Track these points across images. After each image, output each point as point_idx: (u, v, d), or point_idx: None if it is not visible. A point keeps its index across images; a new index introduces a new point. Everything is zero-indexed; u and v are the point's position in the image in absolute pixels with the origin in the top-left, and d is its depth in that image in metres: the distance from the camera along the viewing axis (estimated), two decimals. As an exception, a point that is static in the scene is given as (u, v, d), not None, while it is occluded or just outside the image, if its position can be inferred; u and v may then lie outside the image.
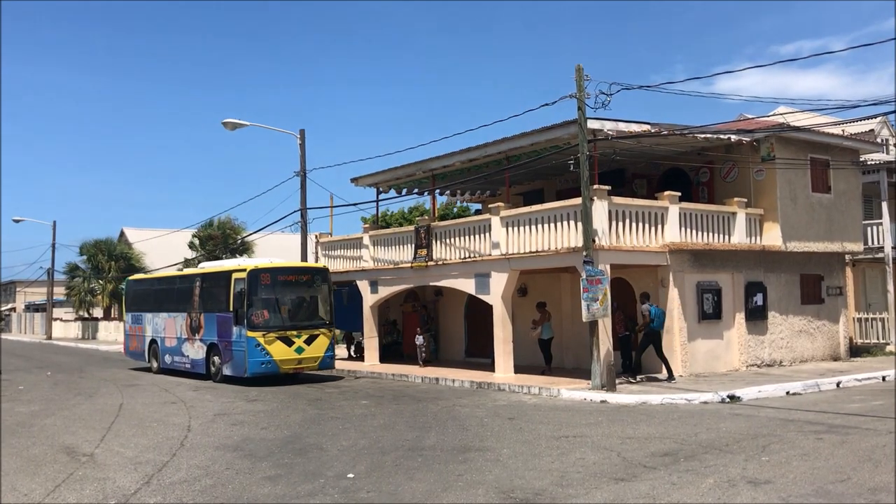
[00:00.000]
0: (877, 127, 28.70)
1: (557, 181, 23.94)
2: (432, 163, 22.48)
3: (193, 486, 8.56)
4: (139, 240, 53.09)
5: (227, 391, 18.45)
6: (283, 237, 43.04)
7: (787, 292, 21.09)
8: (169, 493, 8.31)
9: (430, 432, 11.79)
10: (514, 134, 19.47)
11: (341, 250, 25.79)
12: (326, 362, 20.15)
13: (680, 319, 18.43)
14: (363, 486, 8.36)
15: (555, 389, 16.38)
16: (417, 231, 22.34)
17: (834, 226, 21.73)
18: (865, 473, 8.42)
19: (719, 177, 21.26)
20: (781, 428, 11.55)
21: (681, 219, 18.75)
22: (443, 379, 19.21)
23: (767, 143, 20.13)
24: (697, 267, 19.07)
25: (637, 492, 7.84)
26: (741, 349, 19.74)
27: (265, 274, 19.66)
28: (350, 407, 15.11)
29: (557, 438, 11.07)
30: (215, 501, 7.92)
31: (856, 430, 11.22)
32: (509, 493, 7.89)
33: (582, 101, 16.60)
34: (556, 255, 18.07)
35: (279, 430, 12.48)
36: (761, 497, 7.53)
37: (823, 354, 21.86)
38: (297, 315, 20.10)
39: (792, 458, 9.27)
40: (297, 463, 9.71)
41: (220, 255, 38.37)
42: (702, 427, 11.78)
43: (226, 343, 20.01)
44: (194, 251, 43.09)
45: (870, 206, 25.21)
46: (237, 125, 25.01)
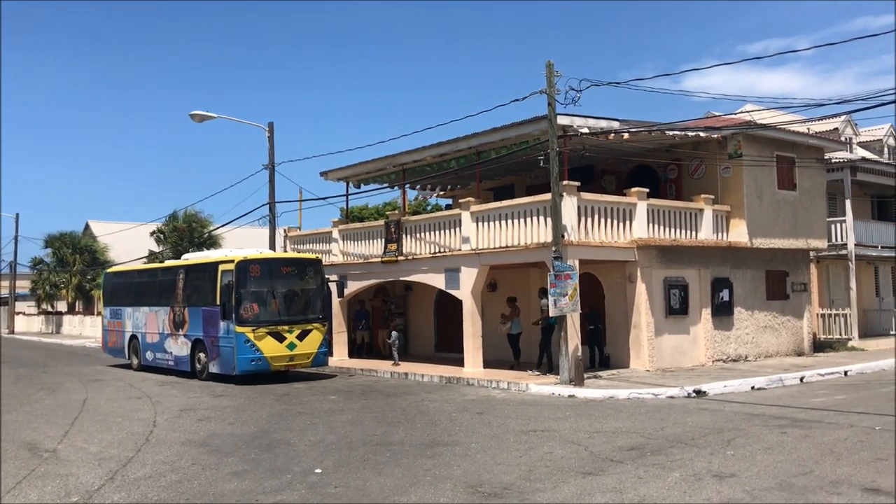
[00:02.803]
0: (841, 126, 29.15)
1: (528, 177, 24.01)
2: (403, 157, 22.42)
3: (158, 482, 8.46)
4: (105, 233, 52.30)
5: (193, 386, 18.25)
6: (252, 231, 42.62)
7: (752, 288, 21.36)
8: (133, 488, 8.20)
9: (398, 427, 11.77)
10: (484, 129, 19.49)
11: (310, 245, 25.63)
12: (320, 359, 19.24)
13: (647, 315, 18.58)
14: (331, 482, 8.32)
15: (523, 384, 16.44)
16: (387, 225, 22.27)
17: (799, 223, 22.04)
18: (827, 466, 8.56)
19: (687, 174, 21.45)
20: (746, 422, 11.70)
21: (649, 215, 18.90)
22: (412, 374, 19.18)
23: (734, 140, 20.36)
24: (665, 263, 19.24)
25: (604, 486, 7.89)
26: (707, 344, 19.96)
27: (255, 265, 18.67)
28: (318, 402, 15.04)
29: (526, 433, 11.11)
30: (181, 497, 7.83)
31: (818, 424, 11.39)
32: (477, 488, 7.90)
33: (552, 98, 16.66)
34: (525, 250, 18.12)
35: (246, 425, 12.37)
36: (726, 491, 7.61)
37: (788, 350, 22.18)
38: (289, 309, 18.98)
39: (756, 452, 9.39)
40: (264, 458, 9.64)
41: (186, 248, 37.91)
42: (668, 421, 11.89)
43: (212, 339, 19.11)
44: (160, 244, 42.59)
45: (834, 204, 25.62)
46: (205, 117, 24.73)
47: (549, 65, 16.74)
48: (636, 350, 18.66)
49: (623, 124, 18.60)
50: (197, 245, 39.22)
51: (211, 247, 38.32)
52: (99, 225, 57.08)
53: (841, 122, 28.97)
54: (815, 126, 25.45)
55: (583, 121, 17.85)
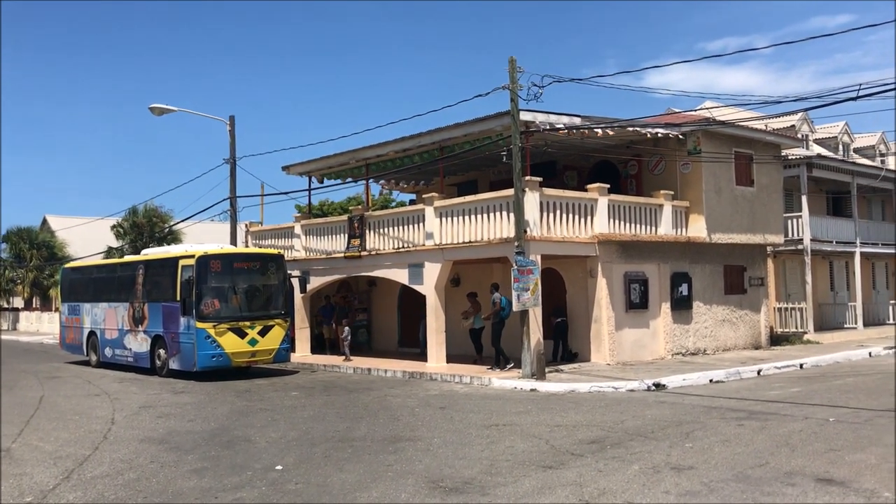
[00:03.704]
0: (798, 123, 29.69)
1: (491, 172, 24.08)
2: (366, 152, 22.34)
3: (116, 480, 8.35)
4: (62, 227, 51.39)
5: (152, 383, 18.04)
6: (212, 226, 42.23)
7: (711, 283, 21.68)
8: (90, 487, 8.09)
9: (360, 423, 11.75)
10: (447, 124, 19.50)
11: (272, 240, 25.43)
12: (282, 355, 19.14)
13: (608, 309, 18.77)
14: (291, 478, 8.28)
15: (486, 378, 16.51)
16: (351, 221, 22.19)
17: (756, 218, 22.40)
18: (782, 458, 8.73)
19: (647, 170, 21.68)
20: (704, 415, 11.88)
21: (610, 210, 19.08)
22: (375, 369, 19.16)
23: (694, 137, 20.62)
24: (625, 258, 19.45)
25: (564, 479, 7.96)
26: (667, 338, 20.23)
27: (216, 260, 18.53)
28: (280, 398, 14.95)
29: (488, 427, 11.16)
30: (138, 496, 7.74)
31: (774, 416, 11.61)
32: (438, 483, 7.92)
33: (515, 93, 16.72)
34: (488, 245, 18.19)
35: (206, 422, 12.26)
36: (684, 483, 7.73)
37: (745, 343, 22.56)
38: (251, 304, 18.92)
39: (714, 445, 9.54)
40: (224, 455, 9.56)
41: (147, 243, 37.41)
42: (628, 414, 12.03)
43: (172, 335, 18.93)
44: (120, 239, 41.98)
45: (790, 200, 26.09)
46: (164, 110, 24.42)
47: (511, 61, 16.81)
48: (597, 344, 18.84)
49: (585, 120, 18.75)
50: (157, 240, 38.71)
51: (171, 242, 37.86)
52: (57, 219, 56.05)
53: (797, 119, 29.51)
54: (772, 123, 25.89)
55: (545, 117, 17.95)
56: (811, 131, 31.34)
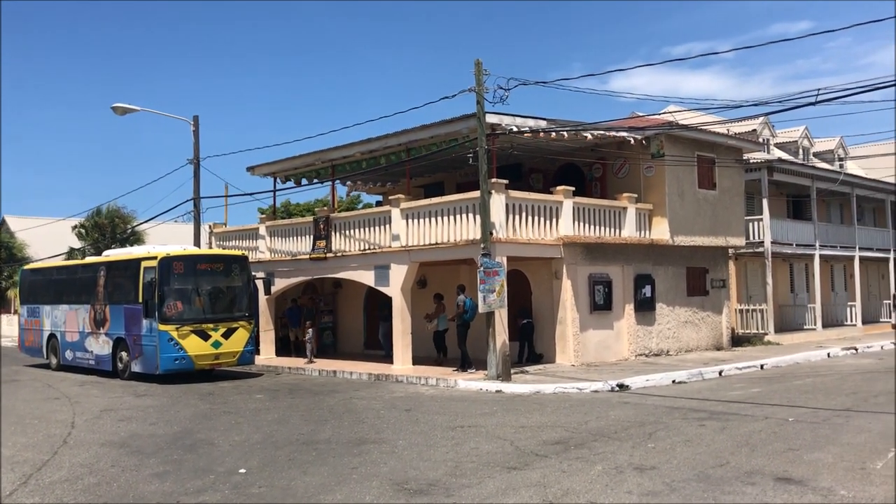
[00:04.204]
0: (759, 127, 30.17)
1: (458, 174, 24.12)
2: (332, 153, 22.26)
3: (75, 485, 8.23)
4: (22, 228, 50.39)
5: (114, 386, 17.79)
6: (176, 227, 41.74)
7: (674, 284, 21.94)
8: (48, 492, 7.96)
9: (325, 426, 11.71)
10: (414, 126, 19.51)
11: (236, 241, 25.23)
12: (246, 357, 19.00)
13: (573, 310, 18.91)
14: (255, 482, 8.22)
15: (452, 380, 16.54)
16: (316, 222, 22.10)
17: (718, 221, 22.72)
18: (742, 458, 8.86)
19: (612, 172, 21.89)
20: (667, 415, 12.02)
21: (574, 213, 19.23)
22: (340, 371, 19.09)
23: (657, 140, 20.86)
24: (590, 259, 19.61)
25: (528, 480, 8.01)
26: (630, 339, 20.43)
27: (179, 262, 18.37)
28: (244, 401, 14.83)
29: (453, 429, 11.18)
30: (98, 500, 7.63)
31: (735, 416, 11.79)
32: (403, 485, 7.92)
33: (481, 96, 16.78)
34: (455, 247, 18.23)
35: (169, 425, 12.13)
36: (647, 483, 7.81)
37: (707, 344, 22.86)
38: (214, 307, 18.73)
39: (676, 445, 9.66)
40: (187, 459, 9.47)
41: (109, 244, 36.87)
42: (592, 415, 12.13)
43: (135, 337, 18.72)
44: (82, 241, 41.32)
45: (752, 203, 26.49)
46: (127, 110, 24.13)
47: (477, 63, 16.86)
48: (562, 345, 18.97)
49: (550, 123, 18.88)
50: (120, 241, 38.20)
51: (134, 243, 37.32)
52: (16, 220, 54.91)
53: (759, 123, 29.99)
54: (734, 127, 26.30)
55: (511, 119, 18.05)
56: (772, 135, 31.86)
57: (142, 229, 38.93)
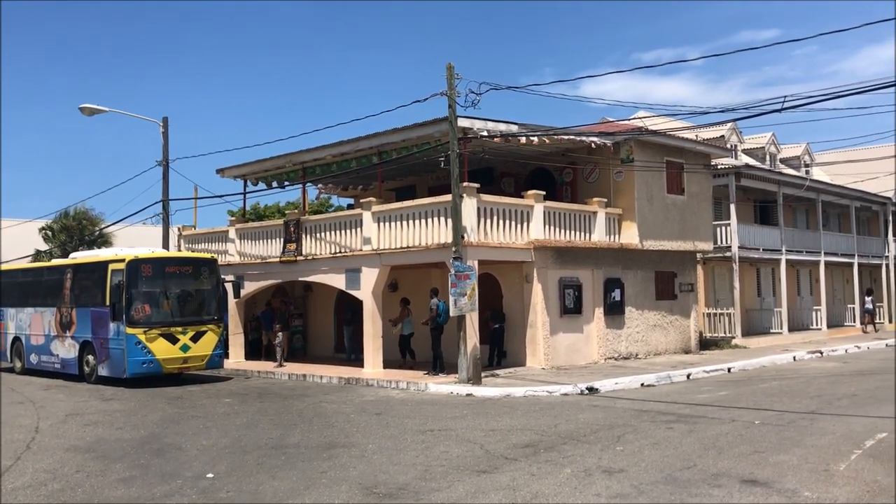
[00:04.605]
0: (727, 133, 30.51)
1: (429, 178, 24.13)
2: (302, 155, 22.16)
3: (38, 491, 8.10)
4: (-15, 230, 49.50)
5: (80, 390, 17.55)
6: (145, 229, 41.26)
7: (643, 288, 22.13)
8: (10, 499, 7.82)
9: (294, 430, 11.64)
10: (386, 129, 19.49)
11: (206, 244, 25.02)
12: (215, 361, 18.87)
13: (543, 314, 18.99)
14: (223, 486, 8.16)
15: (422, 384, 16.53)
16: (287, 225, 21.98)
17: (687, 226, 22.96)
18: (710, 460, 8.96)
19: (582, 177, 22.03)
20: (636, 418, 12.11)
21: (545, 217, 19.33)
22: (310, 375, 18.99)
23: (627, 145, 21.03)
24: (560, 263, 19.71)
25: (498, 483, 8.03)
26: (600, 343, 20.56)
27: (147, 265, 18.20)
28: (212, 405, 14.70)
29: (423, 432, 11.18)
30: (63, 507, 7.52)
31: (703, 419, 11.91)
32: (372, 489, 7.90)
33: (453, 100, 16.82)
34: (426, 250, 18.23)
35: (136, 429, 11.99)
36: (615, 485, 7.87)
37: (676, 347, 23.08)
38: (183, 310, 18.57)
39: (644, 448, 9.74)
40: (154, 463, 9.36)
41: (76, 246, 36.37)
42: (562, 418, 12.19)
43: (102, 341, 18.52)
44: (49, 243, 40.71)
45: (719, 208, 26.81)
46: (95, 111, 23.83)
47: (449, 67, 16.90)
48: (532, 348, 19.05)
49: (522, 128, 18.96)
50: (87, 243, 37.69)
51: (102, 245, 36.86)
52: (-22, 221, 53.97)
53: (727, 129, 30.32)
54: (702, 133, 26.58)
55: (483, 123, 18.10)
56: (740, 142, 32.22)
57: (110, 231, 38.43)
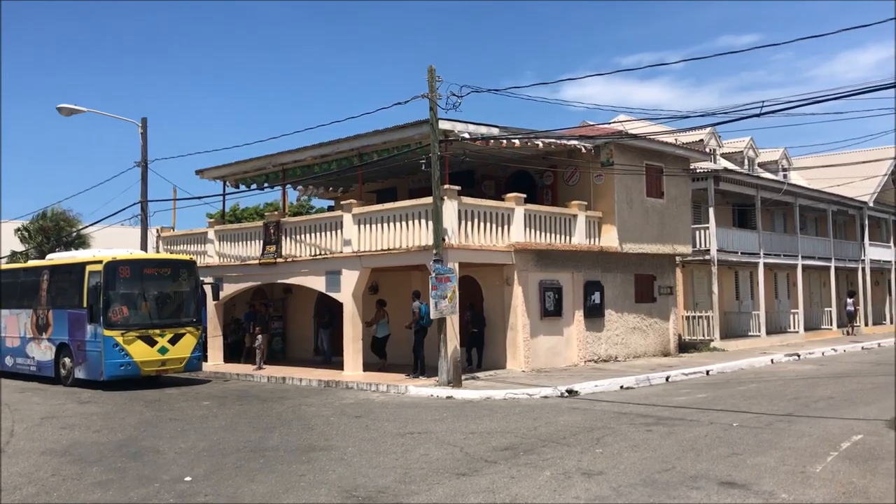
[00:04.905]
0: (706, 137, 30.76)
1: (410, 180, 24.10)
2: (283, 157, 22.06)
3: (13, 496, 8.00)
4: (-41, 230, 48.88)
5: (57, 393, 17.37)
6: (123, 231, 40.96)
7: (622, 291, 22.23)
8: (-15, 504, 7.73)
9: (273, 433, 11.59)
10: (367, 131, 19.46)
11: (184, 245, 24.85)
12: (193, 364, 18.78)
13: (523, 316, 19.02)
14: (201, 490, 8.09)
15: (402, 386, 16.50)
16: (266, 227, 21.88)
17: (666, 229, 23.10)
18: (688, 462, 9.01)
19: (562, 180, 22.11)
20: (615, 421, 12.16)
21: (526, 220, 19.37)
22: (290, 378, 18.91)
23: (607, 149, 21.14)
24: (541, 266, 19.76)
25: (477, 486, 8.03)
26: (580, 345, 20.63)
27: (125, 266, 18.06)
28: (190, 408, 14.60)
29: (403, 435, 11.16)
30: (38, 511, 7.44)
31: (681, 421, 11.98)
32: (352, 492, 7.87)
33: (434, 102, 16.82)
34: (407, 253, 18.21)
35: (113, 432, 11.88)
36: (594, 488, 7.89)
37: (655, 350, 23.20)
38: (161, 312, 18.47)
39: (623, 450, 9.77)
40: (131, 467, 9.28)
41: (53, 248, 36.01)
42: (541, 421, 12.22)
43: (79, 343, 18.35)
44: (25, 244, 40.28)
45: (698, 212, 26.99)
46: (73, 111, 23.64)
47: (430, 70, 16.91)
48: (513, 351, 19.07)
49: (503, 131, 19.01)
50: (65, 245, 37.34)
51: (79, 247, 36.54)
52: (-47, 222, 53.30)
53: (706, 134, 30.58)
54: (682, 137, 26.79)
55: (464, 126, 18.12)
56: (719, 146, 32.50)
57: (87, 233, 38.13)
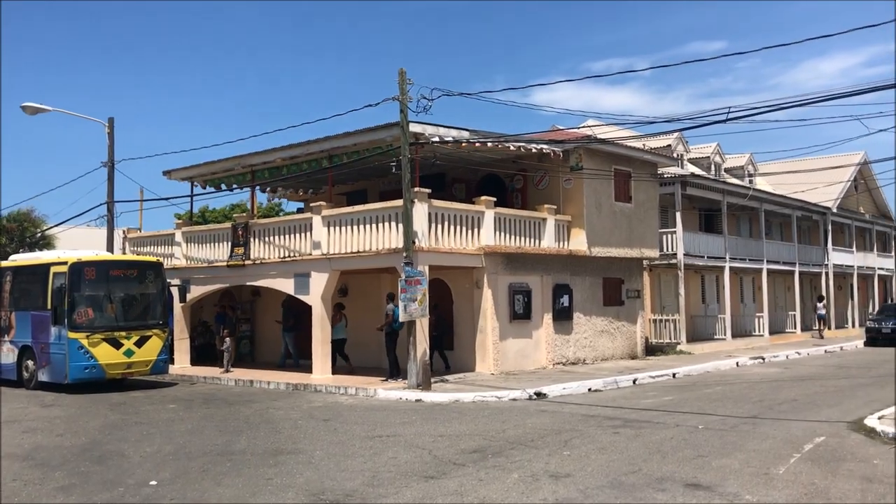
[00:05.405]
0: (673, 143, 31.11)
1: (381, 182, 24.08)
2: (252, 158, 21.92)
3: (-27, 501, 7.86)
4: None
5: (19, 396, 17.08)
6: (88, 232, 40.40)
7: (590, 294, 22.39)
8: (-56, 509, 7.59)
9: (240, 436, 11.50)
10: (337, 133, 19.40)
11: (151, 247, 24.59)
12: (159, 366, 18.56)
13: (493, 319, 19.08)
14: (166, 494, 8.01)
15: (371, 389, 16.46)
16: (235, 228, 21.71)
17: (634, 233, 23.31)
18: (654, 464, 9.09)
19: (532, 184, 22.22)
20: (583, 423, 12.24)
21: (496, 223, 19.44)
22: (258, 381, 18.77)
23: (576, 153, 21.29)
24: (510, 269, 19.84)
25: (446, 489, 8.04)
26: (548, 348, 20.73)
27: (90, 267, 17.84)
28: (156, 411, 14.44)
29: (371, 438, 11.13)
30: (-2, 516, 7.32)
31: (648, 424, 12.09)
32: (319, 496, 7.84)
33: (404, 105, 16.82)
34: (377, 255, 18.18)
35: (77, 436, 11.71)
36: (561, 490, 7.94)
37: (623, 353, 23.39)
38: (127, 314, 18.24)
39: (591, 452, 9.84)
40: (95, 471, 9.16)
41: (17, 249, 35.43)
42: (510, 423, 12.26)
43: (42, 345, 18.07)
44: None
45: (666, 216, 27.29)
46: (38, 110, 23.29)
47: (401, 72, 16.91)
48: (482, 354, 19.11)
49: (473, 134, 19.06)
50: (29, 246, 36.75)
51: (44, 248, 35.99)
52: (-88, 221, 52.15)
53: (673, 139, 30.91)
54: (650, 142, 27.06)
55: (434, 129, 18.14)
56: (686, 151, 32.86)
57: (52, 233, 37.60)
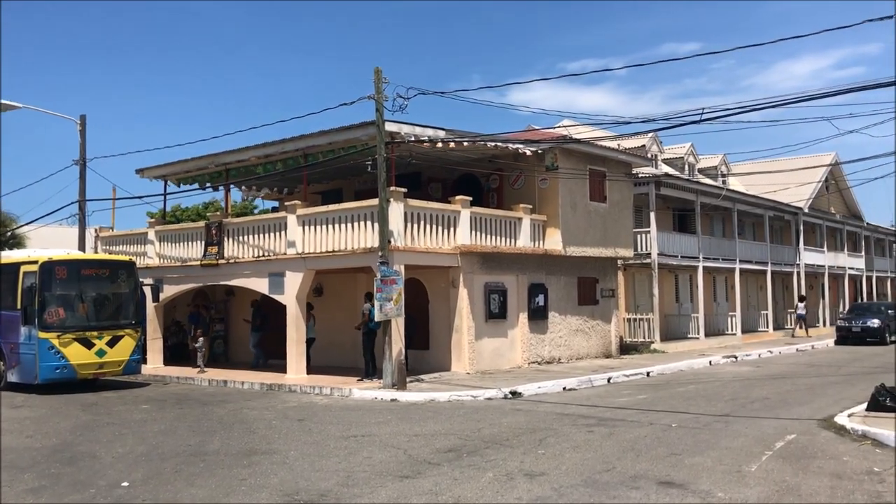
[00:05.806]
0: (648, 143, 31.29)
1: (356, 181, 24.00)
2: (226, 156, 21.76)
3: (-60, 504, 7.74)
4: None
5: (-13, 397, 16.84)
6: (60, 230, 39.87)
7: (565, 294, 22.49)
8: None
9: (214, 437, 11.41)
10: (312, 132, 19.33)
11: (124, 246, 24.33)
12: (132, 367, 18.37)
13: (468, 319, 19.10)
14: (139, 495, 7.93)
15: (346, 389, 16.41)
16: (208, 227, 21.55)
17: (608, 233, 23.44)
18: (628, 462, 9.15)
19: (508, 184, 22.27)
20: (557, 422, 12.29)
21: (472, 222, 19.47)
22: (231, 381, 18.64)
23: (552, 153, 21.37)
24: (486, 269, 19.87)
25: (420, 488, 8.03)
26: (524, 347, 20.79)
27: (61, 267, 17.67)
28: (128, 412, 14.29)
29: (346, 438, 11.10)
30: (-34, 519, 7.21)
31: (622, 422, 12.17)
32: (293, 496, 7.81)
33: (380, 103, 16.79)
34: (352, 255, 18.13)
35: (47, 437, 11.56)
36: (536, 489, 7.96)
37: (597, 352, 23.52)
38: (99, 314, 18.08)
39: (565, 451, 9.89)
40: (66, 473, 9.04)
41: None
42: (485, 423, 12.28)
43: (12, 346, 17.81)
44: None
45: (640, 216, 27.45)
46: (9, 107, 22.94)
47: (377, 71, 16.87)
48: (458, 353, 19.12)
49: (449, 134, 19.06)
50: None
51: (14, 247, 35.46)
52: None
53: (648, 139, 31.09)
54: (624, 143, 27.20)
55: (410, 128, 18.12)
56: (660, 151, 33.06)
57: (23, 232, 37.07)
